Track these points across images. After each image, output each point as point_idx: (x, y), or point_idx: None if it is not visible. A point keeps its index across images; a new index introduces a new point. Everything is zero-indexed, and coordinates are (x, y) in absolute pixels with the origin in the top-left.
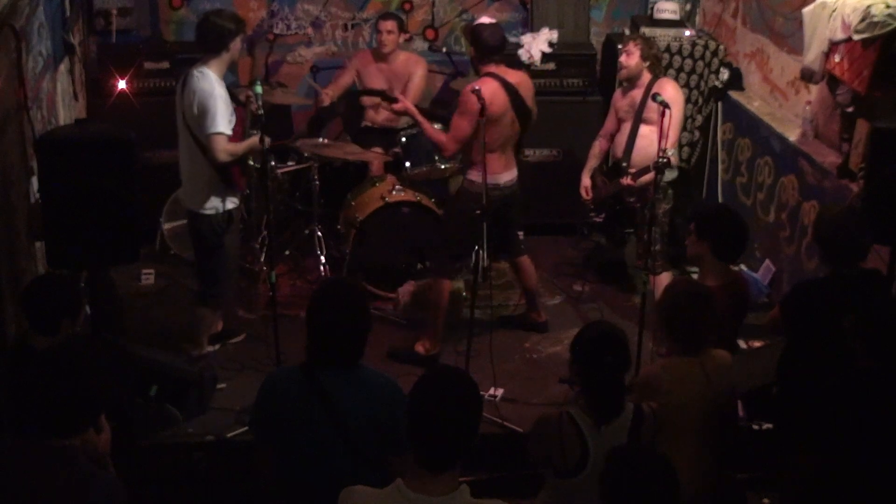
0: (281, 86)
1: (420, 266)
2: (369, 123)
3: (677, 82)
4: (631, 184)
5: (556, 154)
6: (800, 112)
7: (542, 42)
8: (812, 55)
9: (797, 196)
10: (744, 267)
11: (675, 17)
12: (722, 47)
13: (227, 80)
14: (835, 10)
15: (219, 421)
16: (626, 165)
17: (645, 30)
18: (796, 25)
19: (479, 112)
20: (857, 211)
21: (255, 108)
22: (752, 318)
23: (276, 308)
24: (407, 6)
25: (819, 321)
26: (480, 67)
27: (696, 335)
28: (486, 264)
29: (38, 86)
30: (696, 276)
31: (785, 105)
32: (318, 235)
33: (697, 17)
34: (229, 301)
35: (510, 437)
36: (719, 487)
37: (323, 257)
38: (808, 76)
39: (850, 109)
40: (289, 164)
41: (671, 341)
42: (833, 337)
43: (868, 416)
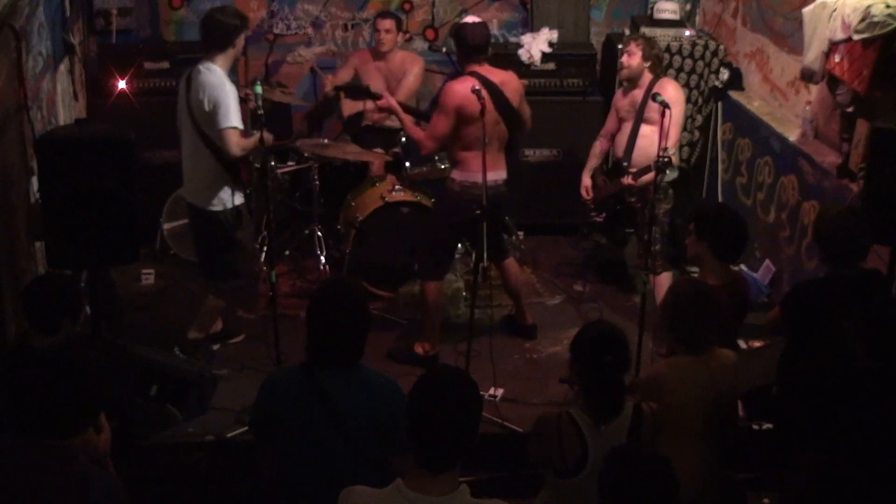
0: (281, 86)
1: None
2: (369, 123)
3: (677, 82)
4: (632, 183)
5: (556, 154)
6: (800, 112)
7: (542, 42)
8: (812, 55)
9: (797, 196)
10: (744, 267)
11: (675, 17)
12: (722, 47)
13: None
14: (835, 10)
15: (219, 421)
16: (626, 165)
17: (645, 30)
18: (796, 25)
19: (479, 112)
20: (857, 211)
21: (255, 108)
22: (752, 318)
23: (276, 308)
24: (407, 6)
25: (819, 321)
26: (464, 66)
27: (699, 334)
28: (486, 264)
29: (38, 86)
30: (696, 276)
31: (785, 105)
32: (318, 235)
33: (697, 17)
34: (248, 294)
35: (510, 437)
36: (719, 487)
37: (323, 257)
38: (808, 76)
39: (850, 109)
40: (289, 164)
41: (674, 341)
42: (833, 337)
43: (868, 416)
